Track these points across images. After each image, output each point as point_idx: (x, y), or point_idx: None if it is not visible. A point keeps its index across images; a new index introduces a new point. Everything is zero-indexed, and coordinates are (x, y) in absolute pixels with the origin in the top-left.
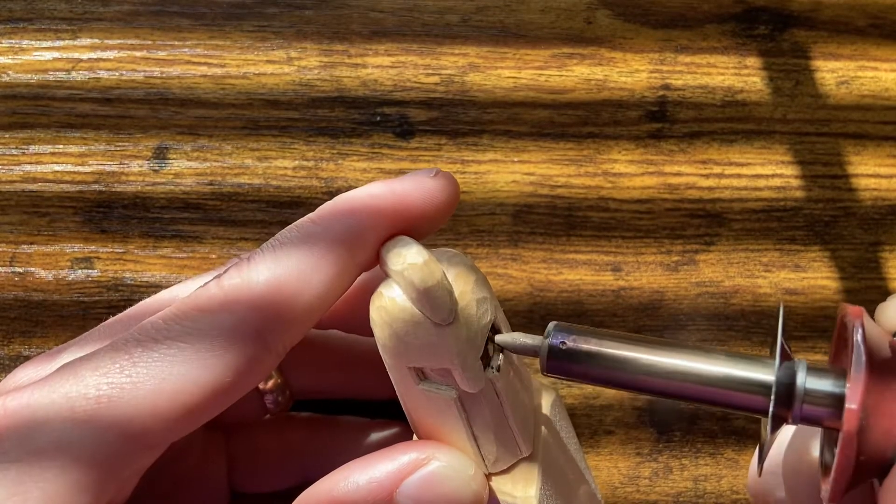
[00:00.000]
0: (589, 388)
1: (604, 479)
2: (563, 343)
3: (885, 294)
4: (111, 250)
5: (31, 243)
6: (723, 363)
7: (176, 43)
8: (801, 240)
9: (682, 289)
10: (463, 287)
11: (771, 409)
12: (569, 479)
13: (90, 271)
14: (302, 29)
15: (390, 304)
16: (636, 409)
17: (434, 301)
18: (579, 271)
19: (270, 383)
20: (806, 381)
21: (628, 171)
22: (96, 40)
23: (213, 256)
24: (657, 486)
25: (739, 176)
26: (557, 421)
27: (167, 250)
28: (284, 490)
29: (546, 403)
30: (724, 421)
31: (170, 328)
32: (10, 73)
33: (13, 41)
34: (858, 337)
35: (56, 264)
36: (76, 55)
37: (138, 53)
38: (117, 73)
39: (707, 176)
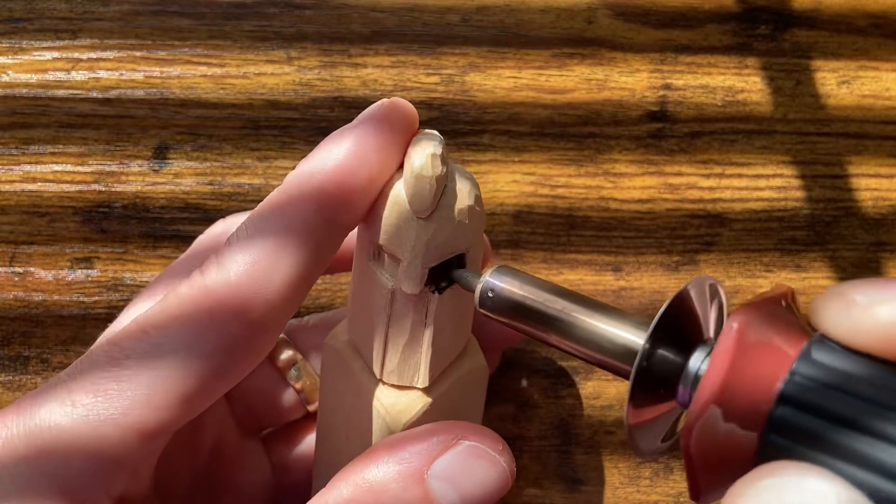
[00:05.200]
0: (590, 389)
1: (604, 479)
2: (492, 291)
3: None
4: (111, 250)
5: (31, 243)
6: (611, 323)
7: (176, 43)
8: (802, 240)
9: None
10: (458, 204)
11: (631, 384)
12: None
13: (90, 271)
14: (302, 29)
15: (396, 182)
16: None
17: (416, 188)
18: (579, 271)
19: (300, 383)
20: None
21: (629, 171)
22: (96, 40)
23: None
24: (657, 486)
25: (740, 176)
26: (468, 387)
27: (167, 250)
28: None
29: (470, 367)
30: None
31: (133, 348)
32: (9, 72)
33: (13, 41)
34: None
35: (56, 264)
36: (76, 55)
37: (138, 53)
38: (117, 73)
39: (708, 176)
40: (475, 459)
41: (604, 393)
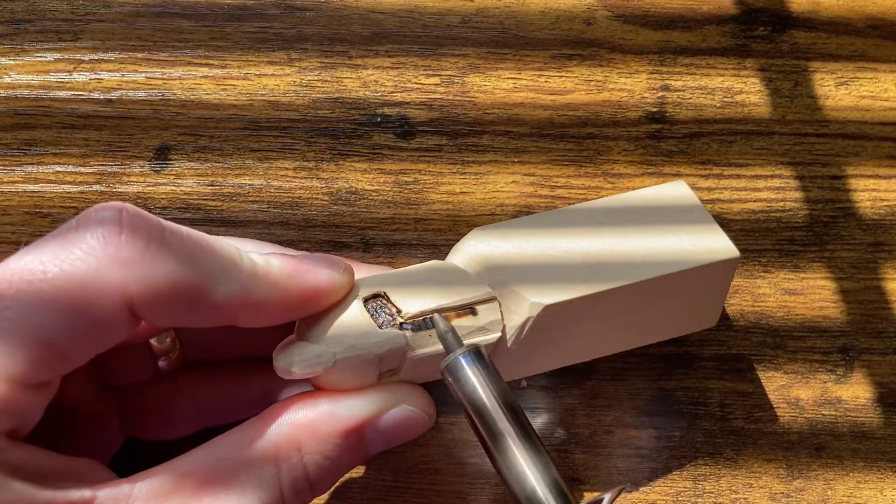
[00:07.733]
0: (589, 388)
1: (603, 479)
2: (451, 377)
3: (883, 294)
4: None
5: None
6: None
7: (177, 44)
8: (800, 240)
9: None
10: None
11: None
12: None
13: None
14: (303, 30)
15: None
16: (636, 408)
17: None
18: None
19: (162, 345)
20: None
21: (628, 172)
22: (98, 41)
23: None
24: (656, 486)
25: (738, 177)
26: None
27: None
28: (191, 436)
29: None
30: (723, 421)
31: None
32: (11, 74)
33: (15, 42)
34: None
35: None
36: (78, 56)
37: (140, 54)
38: (118, 75)
39: (706, 177)
40: (411, 418)
41: (603, 393)
